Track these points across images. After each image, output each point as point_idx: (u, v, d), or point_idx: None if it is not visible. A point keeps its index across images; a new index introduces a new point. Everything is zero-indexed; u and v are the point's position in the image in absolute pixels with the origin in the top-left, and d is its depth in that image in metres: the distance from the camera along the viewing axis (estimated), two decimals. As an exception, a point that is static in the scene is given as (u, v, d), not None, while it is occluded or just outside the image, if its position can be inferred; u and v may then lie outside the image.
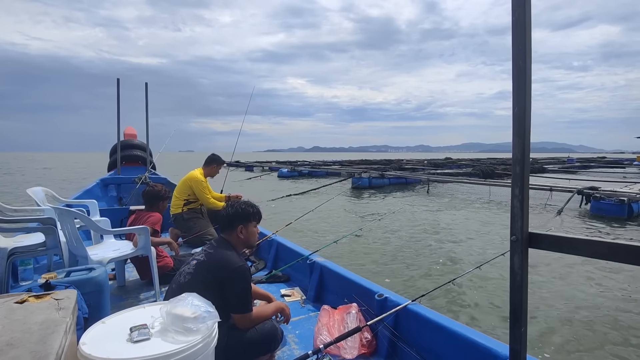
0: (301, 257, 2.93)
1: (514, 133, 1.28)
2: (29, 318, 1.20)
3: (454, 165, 26.32)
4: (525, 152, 1.27)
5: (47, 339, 1.08)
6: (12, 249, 2.32)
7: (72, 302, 1.38)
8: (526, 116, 1.25)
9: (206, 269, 1.84)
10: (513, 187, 1.31)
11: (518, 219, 1.30)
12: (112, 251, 2.58)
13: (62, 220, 2.39)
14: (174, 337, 1.33)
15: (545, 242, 1.28)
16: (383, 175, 16.67)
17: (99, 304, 2.16)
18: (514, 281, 1.31)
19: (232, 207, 2.05)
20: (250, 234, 2.01)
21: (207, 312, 1.44)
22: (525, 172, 1.28)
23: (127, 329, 1.36)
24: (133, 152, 6.35)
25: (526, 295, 1.31)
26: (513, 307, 1.33)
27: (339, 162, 31.41)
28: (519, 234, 1.30)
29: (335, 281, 2.56)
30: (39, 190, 3.66)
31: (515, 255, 1.31)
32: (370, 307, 2.10)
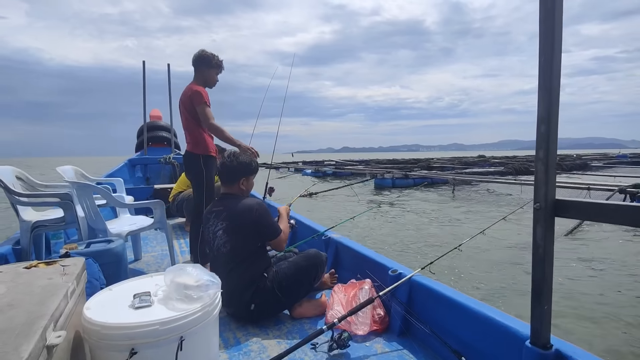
0: (317, 233, 2.88)
1: (540, 86, 1.12)
2: (34, 282, 1.22)
3: (486, 163, 24.79)
4: (552, 108, 1.11)
5: (45, 301, 1.09)
6: (35, 222, 2.43)
7: (78, 268, 1.40)
8: (554, 66, 1.09)
9: (236, 225, 1.97)
10: (537, 150, 1.16)
11: (542, 185, 1.16)
12: (129, 225, 2.64)
13: (80, 196, 2.46)
14: (175, 305, 1.31)
15: (573, 210, 1.13)
16: (407, 175, 16.04)
17: (116, 275, 2.21)
18: (537, 254, 1.18)
19: (233, 159, 2.12)
20: (249, 186, 2.17)
21: (210, 281, 1.42)
22: (551, 131, 1.13)
23: (131, 296, 1.36)
24: (159, 134, 6.50)
25: (551, 270, 1.18)
26: (535, 282, 1.20)
27: (365, 161, 30.57)
28: (542, 201, 1.16)
29: (350, 257, 2.50)
30: (68, 169, 3.81)
31: (538, 224, 1.17)
32: (384, 283, 2.03)
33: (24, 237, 2.51)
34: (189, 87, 2.74)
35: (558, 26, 1.09)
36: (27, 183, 2.85)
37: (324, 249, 2.76)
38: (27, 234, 2.46)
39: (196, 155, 2.74)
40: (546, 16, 1.08)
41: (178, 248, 3.50)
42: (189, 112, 2.72)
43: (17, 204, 2.48)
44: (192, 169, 2.79)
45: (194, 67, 2.81)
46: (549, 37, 1.08)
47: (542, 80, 1.11)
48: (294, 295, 2.05)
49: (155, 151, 6.25)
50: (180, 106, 2.82)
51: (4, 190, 2.44)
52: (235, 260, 1.95)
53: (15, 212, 2.56)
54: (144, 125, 6.18)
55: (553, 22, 1.07)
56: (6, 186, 2.43)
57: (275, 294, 1.95)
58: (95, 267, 2.07)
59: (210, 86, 2.85)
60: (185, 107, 2.75)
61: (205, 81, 2.82)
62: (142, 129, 6.31)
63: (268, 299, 1.95)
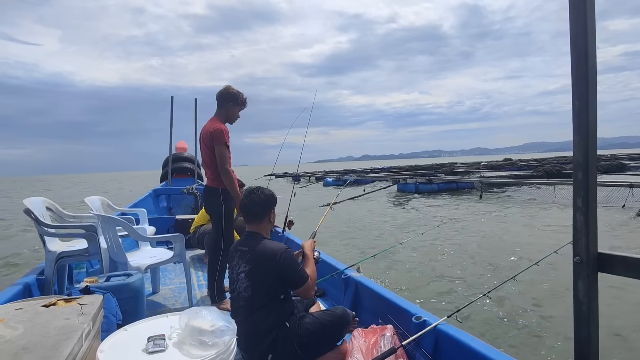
0: (336, 271, 2.79)
1: (575, 131, 1.07)
2: (51, 322, 1.21)
3: (513, 167, 23.71)
4: (589, 154, 1.05)
5: (59, 345, 1.07)
6: (60, 252, 2.47)
7: (95, 307, 1.39)
8: (590, 110, 1.04)
9: (258, 271, 1.87)
10: (575, 198, 1.08)
11: (582, 236, 1.07)
12: (149, 258, 2.65)
13: (104, 228, 2.51)
14: (189, 350, 1.27)
15: (619, 266, 1.03)
16: (430, 180, 15.66)
17: (134, 310, 2.20)
18: (579, 312, 1.08)
19: (260, 194, 2.04)
20: (274, 217, 2.11)
21: (226, 326, 1.37)
22: (590, 178, 1.06)
23: (146, 339, 1.33)
24: (183, 165, 6.69)
25: (596, 329, 1.07)
26: (578, 344, 1.08)
27: (387, 169, 30.18)
28: (584, 254, 1.06)
29: (370, 299, 2.38)
30: (95, 199, 3.94)
31: (579, 280, 1.07)
32: (407, 330, 1.90)
33: (48, 268, 2.56)
34: (211, 124, 2.76)
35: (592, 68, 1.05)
36: (56, 214, 2.95)
37: (343, 288, 2.66)
38: (52, 264, 2.51)
39: (216, 190, 2.76)
40: (578, 60, 1.04)
41: (196, 281, 3.47)
42: (209, 148, 2.75)
43: (45, 235, 2.55)
44: (211, 203, 2.80)
45: (218, 102, 2.85)
46: (583, 80, 1.04)
47: (576, 126, 1.06)
48: (314, 353, 1.92)
49: (179, 182, 6.40)
50: (201, 142, 2.86)
51: (34, 221, 2.52)
52: (256, 306, 1.85)
53: (42, 243, 2.63)
54: (169, 157, 6.39)
55: (587, 66, 1.03)
56: (37, 218, 2.51)
57: (294, 349, 1.83)
58: (113, 302, 2.06)
59: (231, 122, 2.89)
60: (205, 143, 2.77)
61: (227, 117, 2.86)
62: (167, 160, 6.52)
63: (287, 351, 1.83)
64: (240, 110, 2.95)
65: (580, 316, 1.07)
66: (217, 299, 2.74)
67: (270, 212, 2.05)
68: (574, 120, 1.07)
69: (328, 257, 3.17)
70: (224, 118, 2.84)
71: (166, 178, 6.47)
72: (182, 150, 7.10)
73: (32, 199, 2.70)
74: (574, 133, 1.07)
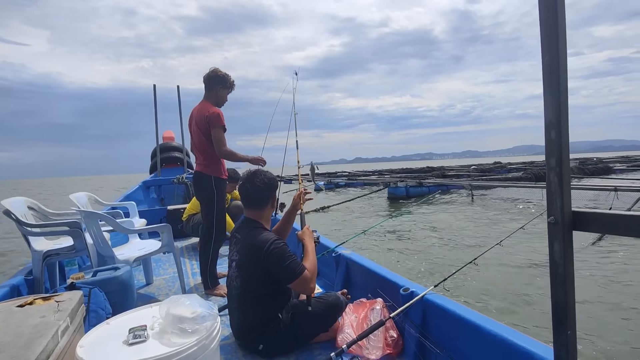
0: (327, 250, 2.79)
1: (545, 90, 1.02)
2: (25, 321, 1.19)
3: (503, 170, 23.82)
4: (561, 112, 1.01)
5: (32, 343, 1.05)
6: (47, 251, 2.44)
7: (73, 303, 1.37)
8: (560, 68, 0.99)
9: (245, 262, 1.79)
10: (548, 158, 1.05)
11: (557, 197, 1.04)
12: (138, 250, 2.63)
13: (88, 223, 2.47)
14: (170, 339, 1.26)
15: (594, 223, 1.01)
16: (421, 183, 15.68)
17: (124, 302, 2.19)
18: (556, 274, 1.06)
19: (263, 178, 1.90)
20: (275, 203, 2.02)
21: (207, 312, 1.36)
22: (563, 137, 1.02)
23: (127, 330, 1.32)
24: (172, 154, 6.60)
25: (572, 291, 1.06)
26: (556, 305, 1.07)
27: (378, 171, 30.12)
28: (558, 215, 1.04)
29: (361, 275, 2.40)
30: (82, 195, 3.88)
31: (555, 241, 1.05)
32: (396, 302, 1.92)
33: (36, 267, 2.53)
34: (206, 108, 2.67)
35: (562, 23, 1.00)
36: (39, 212, 2.90)
37: (335, 266, 2.67)
38: (39, 263, 2.48)
39: (207, 177, 2.70)
40: (547, 14, 0.99)
41: (190, 270, 3.47)
42: (203, 133, 2.67)
43: (28, 235, 2.52)
44: (203, 190, 2.75)
45: (206, 86, 2.76)
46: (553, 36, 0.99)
47: (547, 83, 1.01)
48: (307, 340, 1.91)
49: (169, 172, 6.33)
50: (194, 126, 2.76)
51: (15, 222, 2.48)
52: (245, 297, 1.80)
53: (26, 243, 2.60)
54: (157, 147, 6.29)
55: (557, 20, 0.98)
56: (17, 218, 2.46)
57: (287, 338, 1.81)
58: (101, 297, 2.05)
59: (219, 105, 2.80)
60: (199, 127, 2.69)
61: (218, 101, 2.79)
62: (155, 151, 6.42)
63: (279, 341, 1.81)
64: (229, 94, 2.86)
65: (557, 278, 1.06)
66: (210, 285, 2.75)
67: (272, 197, 1.94)
68: (544, 78, 1.02)
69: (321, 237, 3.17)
70: (214, 101, 2.75)
71: (155, 169, 6.39)
72: (169, 139, 6.99)
73: (12, 199, 2.64)
74: (545, 92, 1.02)
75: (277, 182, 1.97)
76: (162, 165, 6.39)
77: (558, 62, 1.00)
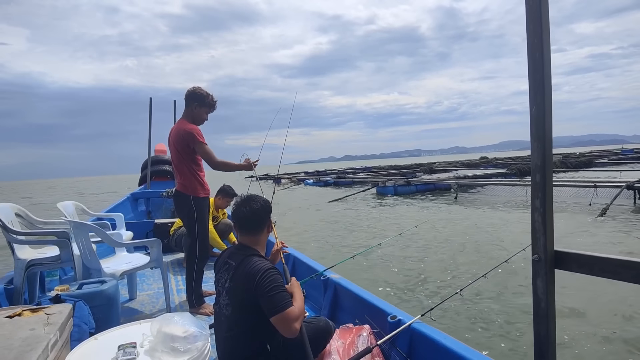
0: (316, 273, 2.80)
1: (532, 137, 1.12)
2: (15, 334, 1.18)
3: (489, 164, 24.62)
4: (546, 157, 1.10)
5: (22, 357, 1.04)
6: (30, 260, 2.40)
7: (63, 317, 1.36)
8: (546, 116, 1.09)
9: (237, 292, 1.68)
10: (533, 199, 1.14)
11: (540, 236, 1.12)
12: (125, 264, 2.60)
13: (76, 234, 2.45)
14: (160, 358, 1.25)
15: (574, 263, 1.09)
16: (409, 182, 15.97)
17: (108, 318, 2.15)
18: (538, 308, 1.13)
19: (256, 202, 1.81)
20: (271, 227, 1.91)
21: (199, 332, 1.36)
22: (547, 180, 1.11)
23: (116, 347, 1.31)
24: (162, 168, 6.57)
25: (553, 325, 1.12)
26: (538, 339, 1.13)
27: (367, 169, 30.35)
28: (542, 252, 1.11)
29: (349, 300, 2.41)
30: (69, 204, 3.82)
31: (538, 277, 1.12)
32: (383, 329, 1.94)
33: (17, 276, 2.47)
34: (182, 126, 2.68)
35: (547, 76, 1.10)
36: (26, 220, 2.85)
37: (323, 289, 2.68)
38: (21, 272, 2.43)
39: (186, 196, 2.69)
40: (535, 69, 1.09)
41: (175, 286, 3.42)
42: (180, 152, 2.68)
43: (14, 242, 2.47)
44: (183, 208, 2.73)
45: (185, 102, 2.77)
46: (539, 87, 1.09)
47: (534, 131, 1.11)
48: None
49: (158, 185, 6.29)
50: (171, 145, 2.76)
51: (2, 228, 2.43)
52: (235, 329, 1.69)
53: (10, 250, 2.54)
54: (148, 160, 6.27)
55: (542, 74, 1.09)
56: (4, 225, 2.42)
57: None
58: (85, 311, 2.01)
59: (197, 124, 2.77)
60: (176, 145, 2.69)
61: (194, 119, 2.75)
62: (146, 163, 6.39)
63: None
64: (208, 113, 2.84)
65: (539, 312, 1.12)
66: (195, 303, 2.71)
67: (269, 221, 1.88)
68: (531, 126, 1.12)
69: (308, 259, 3.19)
70: (191, 119, 2.75)
71: (145, 181, 6.34)
72: (161, 152, 6.97)
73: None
74: (532, 139, 1.12)
75: (270, 205, 1.92)
76: (152, 178, 6.34)
77: (544, 113, 1.10)
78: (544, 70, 1.10)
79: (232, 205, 3.96)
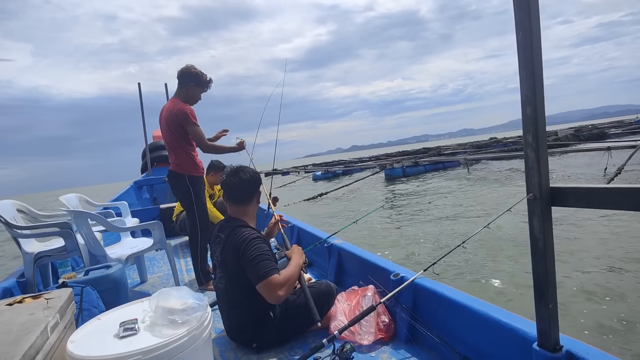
0: (319, 240, 2.81)
1: (520, 65, 1.04)
2: (14, 319, 1.19)
3: (499, 144, 24.00)
4: (536, 87, 1.02)
5: (20, 339, 1.05)
6: (38, 253, 2.43)
7: (63, 300, 1.37)
8: (533, 42, 1.00)
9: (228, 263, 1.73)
10: (525, 134, 1.07)
11: (534, 173, 1.06)
12: (130, 248, 2.62)
13: (78, 223, 2.46)
14: (161, 331, 1.26)
15: (571, 198, 1.03)
16: (417, 162, 15.76)
17: (117, 300, 2.18)
18: (536, 248, 1.09)
19: (245, 172, 1.83)
20: (259, 198, 1.92)
21: (197, 303, 1.36)
22: (538, 113, 1.04)
23: (118, 325, 1.32)
24: (162, 153, 6.55)
25: (552, 265, 1.08)
26: (537, 279, 1.10)
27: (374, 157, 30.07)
28: (536, 190, 1.06)
29: (353, 263, 2.41)
30: (72, 197, 3.84)
31: (534, 216, 1.07)
32: (387, 287, 1.94)
33: (27, 269, 2.52)
34: (175, 105, 2.63)
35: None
36: (29, 215, 2.87)
37: (327, 256, 2.68)
38: (31, 265, 2.47)
39: (181, 175, 2.68)
40: (518, -10, 0.99)
41: (184, 266, 3.47)
42: (173, 131, 2.64)
43: (18, 237, 2.50)
44: (178, 188, 2.72)
45: (179, 82, 2.71)
46: (525, 12, 1.00)
47: (522, 59, 1.02)
48: (302, 331, 1.89)
49: (161, 171, 6.30)
50: (164, 124, 2.72)
51: (4, 225, 2.46)
52: (232, 300, 1.75)
53: (17, 245, 2.58)
54: (146, 147, 6.25)
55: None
56: (6, 221, 2.44)
57: (282, 332, 1.79)
58: (93, 295, 2.05)
59: (191, 103, 2.73)
60: (169, 126, 2.65)
61: (189, 98, 2.71)
62: (145, 150, 6.38)
63: (273, 337, 1.79)
64: (203, 92, 2.79)
65: (537, 251, 1.08)
66: (203, 281, 2.75)
67: (258, 192, 1.90)
68: (518, 53, 1.03)
69: (312, 228, 3.19)
70: (184, 98, 2.69)
71: (146, 169, 6.35)
72: (159, 138, 6.93)
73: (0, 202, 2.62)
74: (520, 67, 1.03)
75: (259, 176, 1.92)
76: (153, 165, 6.35)
77: (531, 38, 1.01)
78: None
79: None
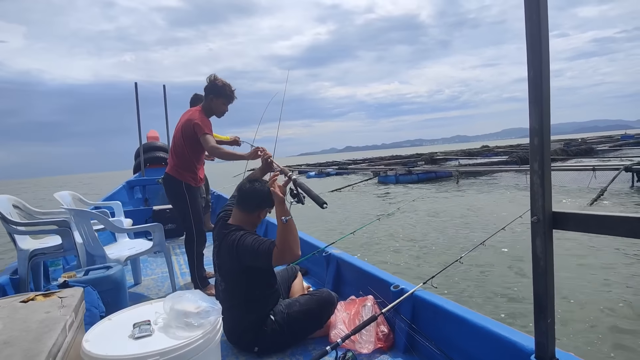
0: (317, 249, 2.86)
1: (530, 100, 1.14)
2: (30, 317, 1.21)
3: (490, 153, 24.65)
4: (543, 120, 1.12)
5: (42, 337, 1.07)
6: (33, 250, 2.41)
7: (76, 299, 1.38)
8: (543, 79, 1.10)
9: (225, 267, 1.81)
10: (531, 162, 1.16)
11: (539, 198, 1.16)
12: (128, 249, 2.62)
13: (78, 222, 2.45)
14: (175, 333, 1.29)
15: (571, 222, 1.13)
16: (410, 171, 16.05)
17: (116, 301, 2.19)
18: (537, 267, 1.18)
19: (259, 184, 1.89)
20: (264, 216, 1.95)
21: (210, 307, 1.40)
22: (544, 143, 1.14)
23: (131, 326, 1.34)
24: (156, 154, 6.52)
25: (552, 283, 1.17)
26: (537, 296, 1.19)
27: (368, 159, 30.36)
28: (540, 214, 1.16)
29: (352, 273, 2.47)
30: (65, 194, 3.79)
31: (537, 238, 1.17)
32: (386, 298, 2.00)
33: (21, 267, 2.49)
34: (195, 115, 2.61)
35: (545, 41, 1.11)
36: (25, 211, 2.84)
37: (325, 265, 2.74)
38: (25, 262, 2.44)
39: (178, 181, 2.68)
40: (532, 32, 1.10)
41: (178, 270, 3.46)
42: (185, 137, 2.63)
43: (15, 233, 2.47)
44: (174, 193, 2.71)
45: (204, 94, 2.68)
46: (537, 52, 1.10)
47: (532, 95, 1.12)
48: (302, 337, 1.95)
49: (153, 172, 6.25)
50: (178, 127, 2.71)
51: (1, 220, 2.43)
52: (232, 301, 1.81)
53: (12, 242, 2.54)
54: (140, 147, 6.20)
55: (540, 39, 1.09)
56: (3, 216, 2.41)
57: (283, 337, 1.84)
58: (94, 295, 2.04)
59: (217, 116, 2.69)
60: (183, 130, 2.64)
61: (210, 110, 2.67)
62: (139, 150, 6.33)
63: (274, 341, 1.84)
64: (227, 104, 2.73)
65: (538, 271, 1.17)
66: (200, 286, 2.76)
67: (263, 209, 1.93)
68: (529, 89, 1.13)
69: (309, 236, 3.24)
70: (207, 109, 2.67)
71: (139, 169, 6.29)
72: (154, 139, 6.90)
73: (-4, 197, 2.58)
74: (530, 102, 1.13)
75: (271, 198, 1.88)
76: (147, 165, 6.30)
77: (541, 75, 1.11)
78: (541, 33, 1.10)
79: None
